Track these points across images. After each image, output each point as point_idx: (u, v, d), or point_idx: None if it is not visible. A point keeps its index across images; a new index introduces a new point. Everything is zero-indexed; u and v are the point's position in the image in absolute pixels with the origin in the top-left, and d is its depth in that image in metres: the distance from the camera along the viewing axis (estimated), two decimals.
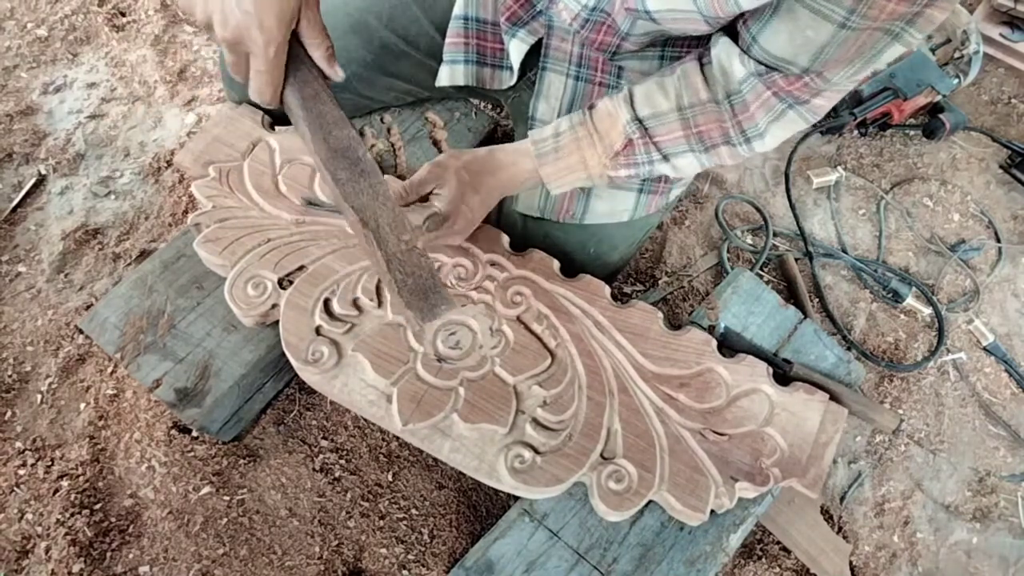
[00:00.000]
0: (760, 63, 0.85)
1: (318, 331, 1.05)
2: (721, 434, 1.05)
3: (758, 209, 1.65)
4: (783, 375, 1.17)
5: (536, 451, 1.00)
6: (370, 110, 1.33)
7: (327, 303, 1.07)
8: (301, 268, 1.09)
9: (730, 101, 0.92)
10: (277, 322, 1.06)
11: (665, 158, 0.97)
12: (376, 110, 1.34)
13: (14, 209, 1.53)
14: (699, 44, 1.01)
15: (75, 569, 1.14)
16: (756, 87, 0.88)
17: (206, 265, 1.16)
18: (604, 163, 0.98)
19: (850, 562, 1.29)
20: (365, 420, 1.33)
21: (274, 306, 1.07)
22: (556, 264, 1.14)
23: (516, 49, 1.08)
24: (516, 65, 1.09)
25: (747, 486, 1.03)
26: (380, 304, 1.08)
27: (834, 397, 1.14)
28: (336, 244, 1.11)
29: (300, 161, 1.19)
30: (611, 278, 1.18)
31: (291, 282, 1.08)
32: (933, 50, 1.83)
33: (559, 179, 1.02)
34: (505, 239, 1.15)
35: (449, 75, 1.13)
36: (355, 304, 1.07)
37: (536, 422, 1.02)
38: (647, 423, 1.04)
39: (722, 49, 0.89)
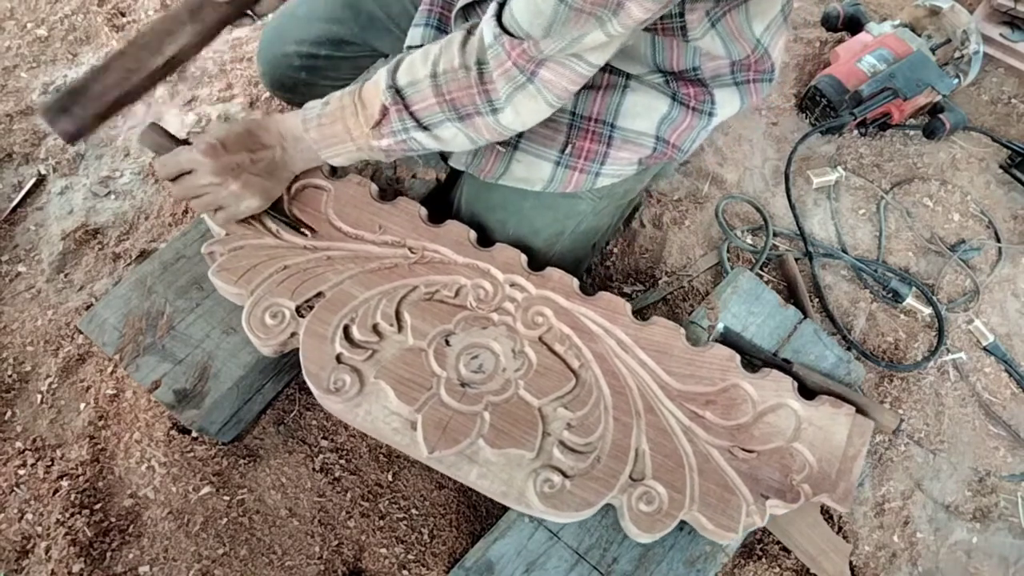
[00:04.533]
0: (504, 30, 0.90)
1: (339, 359, 1.03)
2: (749, 451, 1.04)
3: (758, 209, 1.65)
4: (806, 388, 1.17)
5: (564, 475, 0.99)
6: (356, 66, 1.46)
7: (347, 330, 1.05)
8: (319, 295, 1.08)
9: (479, 68, 0.94)
10: (297, 352, 1.04)
11: (424, 127, 0.98)
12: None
13: (14, 209, 1.53)
14: None
15: (75, 569, 1.14)
16: (499, 55, 0.91)
17: (222, 294, 1.14)
18: (367, 132, 1.00)
19: (850, 562, 1.29)
20: None
21: (293, 335, 1.05)
22: (575, 282, 1.13)
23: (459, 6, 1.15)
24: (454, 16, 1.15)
25: (778, 503, 1.02)
26: (400, 329, 1.06)
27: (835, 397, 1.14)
28: (353, 269, 1.10)
29: (312, 185, 1.17)
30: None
31: (310, 308, 1.06)
32: (933, 50, 1.83)
33: (328, 147, 1.04)
34: (523, 258, 1.14)
35: (411, 36, 1.20)
36: (375, 330, 1.06)
37: (563, 445, 1.01)
38: (675, 442, 1.03)
39: (486, 14, 0.94)
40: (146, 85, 0.99)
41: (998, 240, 1.72)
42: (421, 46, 1.19)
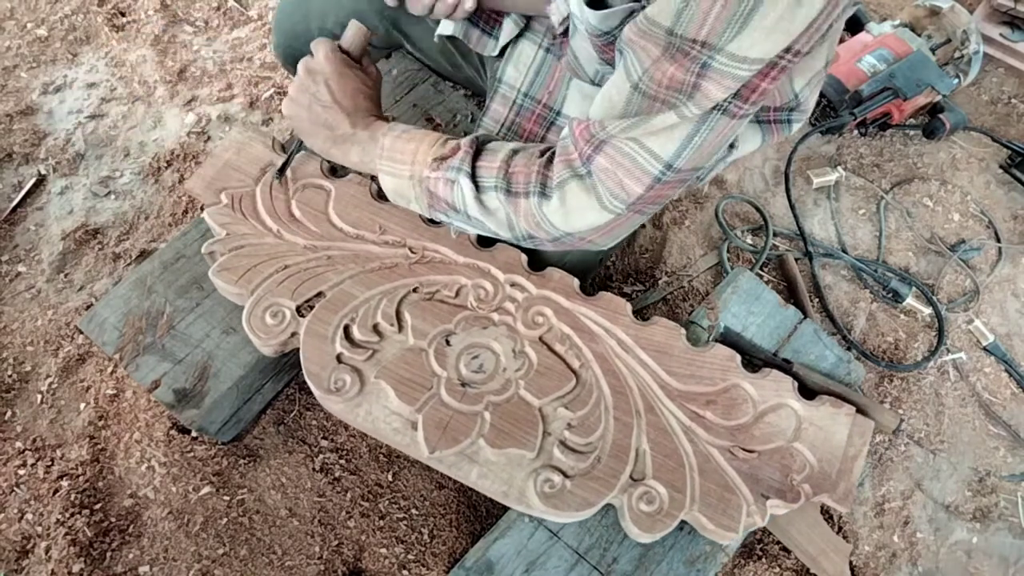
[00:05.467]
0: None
1: (339, 359, 1.03)
2: (750, 451, 1.04)
3: (758, 209, 1.65)
4: (806, 388, 1.17)
5: (565, 475, 0.99)
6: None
7: (347, 329, 1.05)
8: (319, 295, 1.08)
9: (550, 155, 0.94)
10: (297, 352, 1.04)
11: (475, 183, 0.96)
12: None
13: (14, 209, 1.53)
14: None
15: (75, 569, 1.14)
16: (567, 146, 0.90)
17: (222, 294, 1.14)
18: (427, 161, 0.98)
19: (850, 562, 1.29)
20: None
21: (293, 334, 1.05)
22: (576, 282, 1.13)
23: (507, 29, 1.13)
24: (503, 40, 1.14)
25: (778, 503, 1.02)
26: (400, 329, 1.06)
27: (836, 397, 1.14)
28: (354, 269, 1.10)
29: (313, 185, 1.17)
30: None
31: (310, 308, 1.06)
32: (933, 50, 1.83)
33: (389, 160, 1.01)
34: (523, 258, 1.14)
35: (443, 26, 1.18)
36: (375, 330, 1.06)
37: (564, 445, 1.01)
38: (675, 442, 1.03)
39: None
40: None
41: (998, 240, 1.72)
42: (452, 37, 1.19)
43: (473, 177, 0.96)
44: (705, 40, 0.72)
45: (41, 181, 1.58)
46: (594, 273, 1.52)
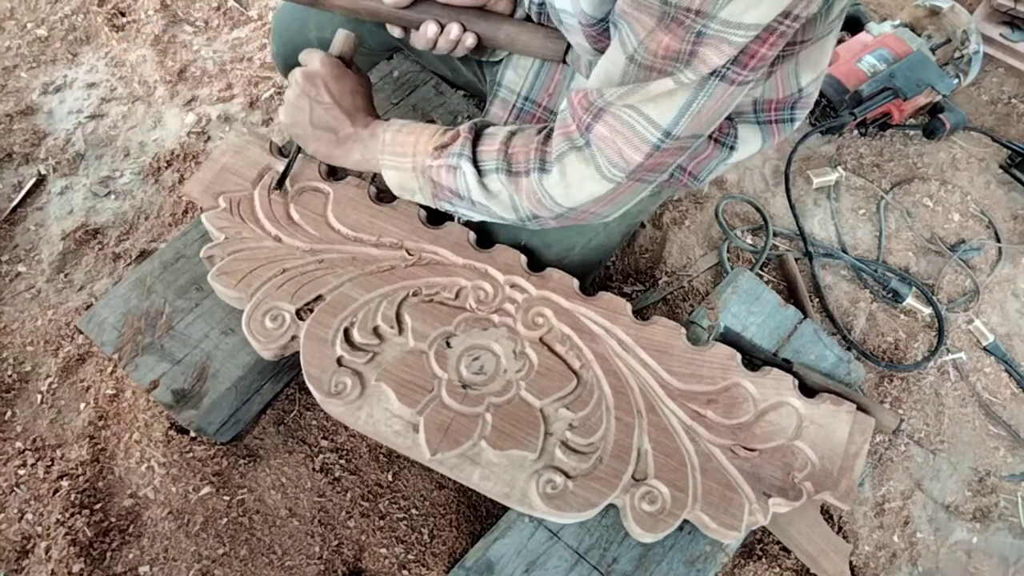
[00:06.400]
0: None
1: (339, 362, 1.03)
2: (751, 450, 1.04)
3: (758, 209, 1.65)
4: (806, 387, 1.17)
5: (567, 475, 0.99)
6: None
7: (347, 332, 1.05)
8: (319, 298, 1.08)
9: (548, 131, 0.95)
10: (297, 353, 1.04)
11: (477, 167, 0.97)
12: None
13: (14, 209, 1.53)
14: None
15: (75, 569, 1.14)
16: (565, 118, 0.91)
17: (221, 298, 1.14)
18: (428, 151, 1.00)
19: (850, 562, 1.29)
20: None
21: (293, 338, 1.05)
22: (575, 283, 1.13)
23: None
24: None
25: (780, 501, 1.02)
26: (400, 331, 1.06)
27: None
28: (353, 272, 1.09)
29: (311, 188, 1.17)
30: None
31: (310, 311, 1.06)
32: (933, 50, 1.83)
33: (391, 154, 1.02)
34: (523, 259, 1.14)
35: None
36: (376, 332, 1.06)
37: (565, 445, 1.01)
38: (677, 442, 1.04)
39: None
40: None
41: (998, 240, 1.72)
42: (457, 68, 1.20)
43: (474, 161, 0.97)
44: (699, 9, 0.71)
45: (41, 181, 1.58)
46: (595, 274, 1.52)
